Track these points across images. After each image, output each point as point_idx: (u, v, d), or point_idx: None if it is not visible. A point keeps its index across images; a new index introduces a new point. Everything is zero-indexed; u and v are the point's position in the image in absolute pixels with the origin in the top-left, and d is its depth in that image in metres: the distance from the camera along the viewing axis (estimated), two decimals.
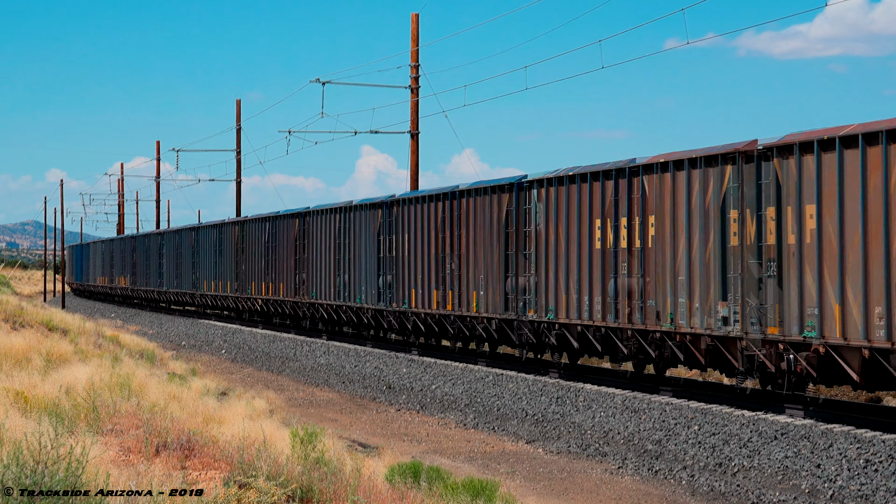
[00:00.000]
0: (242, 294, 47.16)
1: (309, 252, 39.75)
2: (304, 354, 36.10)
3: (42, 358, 19.70)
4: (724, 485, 16.18)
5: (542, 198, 25.28)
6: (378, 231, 33.59)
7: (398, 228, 32.27)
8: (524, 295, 25.75)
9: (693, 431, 19.11)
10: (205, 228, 54.66)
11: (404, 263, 31.91)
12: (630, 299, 22.30)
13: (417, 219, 31.09)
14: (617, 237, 22.73)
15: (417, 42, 39.78)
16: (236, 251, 48.81)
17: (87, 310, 70.29)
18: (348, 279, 35.97)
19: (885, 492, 14.96)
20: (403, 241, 32.00)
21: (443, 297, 29.49)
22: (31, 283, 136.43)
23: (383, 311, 33.28)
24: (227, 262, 49.98)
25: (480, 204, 27.78)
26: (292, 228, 41.46)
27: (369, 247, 34.28)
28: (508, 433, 21.25)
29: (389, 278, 32.70)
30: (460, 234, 28.64)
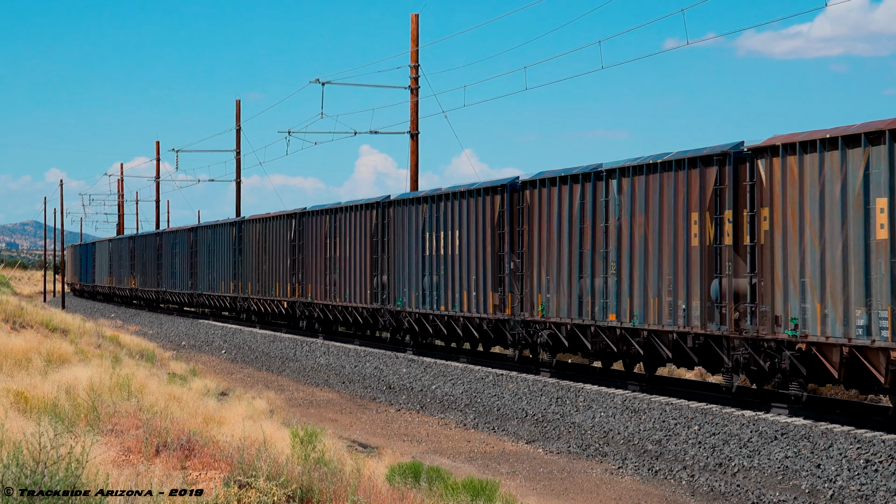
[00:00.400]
0: (266, 296, 44.60)
1: (340, 251, 37.07)
2: (303, 354, 36.10)
3: (42, 358, 19.70)
4: (724, 485, 16.18)
5: (622, 189, 22.66)
6: (422, 227, 31.16)
7: (446, 224, 29.77)
8: (602, 298, 23.17)
9: (693, 431, 19.11)
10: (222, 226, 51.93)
11: (453, 263, 29.42)
12: (738, 303, 19.65)
13: (470, 214, 28.46)
14: (720, 232, 20.05)
15: (417, 42, 39.78)
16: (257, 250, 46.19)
17: (87, 310, 70.30)
18: (386, 280, 33.39)
19: (885, 492, 14.97)
20: (453, 238, 29.56)
21: (500, 300, 27.03)
22: (31, 284, 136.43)
23: (428, 316, 30.90)
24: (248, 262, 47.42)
25: (546, 196, 25.24)
26: (322, 225, 38.60)
27: (412, 245, 31.65)
28: (508, 433, 21.25)
29: (436, 279, 30.32)
30: (522, 231, 26.23)
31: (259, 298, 45.14)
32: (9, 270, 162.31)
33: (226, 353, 40.14)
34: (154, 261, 64.30)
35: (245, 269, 47.16)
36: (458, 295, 28.91)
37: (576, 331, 24.21)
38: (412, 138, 39.96)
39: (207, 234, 53.28)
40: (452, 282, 29.24)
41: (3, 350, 19.83)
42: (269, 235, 44.01)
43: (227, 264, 49.86)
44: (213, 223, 52.85)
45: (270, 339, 41.27)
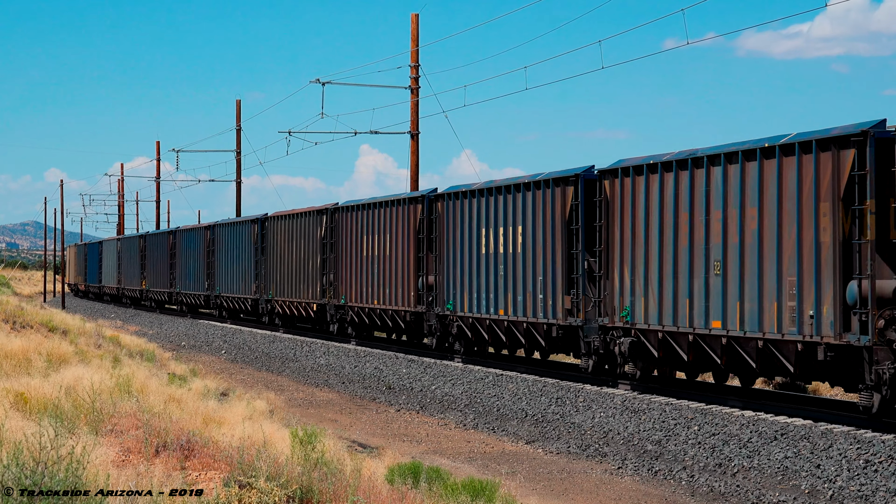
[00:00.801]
0: (292, 298, 41.41)
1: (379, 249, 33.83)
2: (303, 355, 36.11)
3: (42, 359, 19.71)
4: (723, 485, 16.19)
5: (728, 177, 19.81)
6: (477, 223, 28.11)
7: (506, 219, 26.90)
8: (702, 301, 20.41)
9: (693, 432, 19.12)
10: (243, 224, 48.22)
11: (515, 262, 26.43)
12: (882, 309, 16.90)
13: (536, 207, 25.61)
14: (859, 226, 17.31)
15: (417, 42, 39.80)
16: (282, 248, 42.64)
17: (88, 310, 70.31)
18: (433, 281, 30.56)
19: (884, 492, 14.97)
20: (514, 234, 26.48)
21: (574, 304, 24.32)
22: (31, 284, 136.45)
23: (484, 321, 27.92)
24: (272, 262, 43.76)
25: (630, 187, 22.44)
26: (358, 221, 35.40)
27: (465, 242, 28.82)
28: (508, 433, 21.26)
29: (493, 280, 27.38)
30: (600, 226, 23.50)
31: (285, 300, 42.26)
32: (9, 271, 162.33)
33: (226, 353, 40.15)
34: (167, 260, 61.47)
35: (269, 269, 44.16)
36: (520, 298, 26.13)
37: (668, 339, 21.41)
38: (412, 138, 39.98)
39: (226, 232, 50.49)
40: (514, 283, 26.46)
41: (3, 350, 19.84)
42: (295, 233, 41.10)
43: (248, 264, 46.95)
44: (233, 220, 50.20)
45: (270, 340, 41.27)
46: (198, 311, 58.97)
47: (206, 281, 53.40)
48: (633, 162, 22.43)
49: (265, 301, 44.72)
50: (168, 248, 60.99)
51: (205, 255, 53.77)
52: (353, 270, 35.72)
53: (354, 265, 35.62)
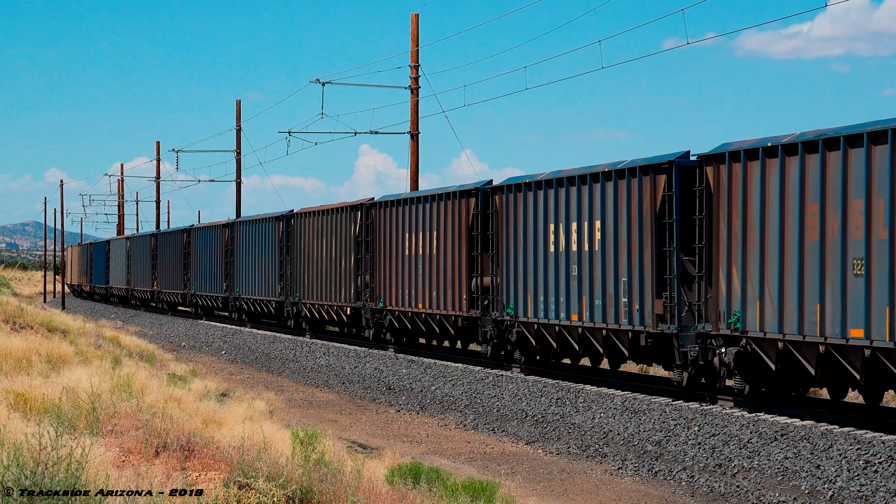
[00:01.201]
0: (322, 301, 38.44)
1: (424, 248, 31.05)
2: (303, 355, 36.12)
3: (43, 360, 19.72)
4: (723, 486, 16.19)
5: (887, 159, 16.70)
6: (544, 218, 25.21)
7: (580, 213, 23.93)
8: (836, 306, 17.60)
9: (693, 432, 19.12)
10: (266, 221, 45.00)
11: (591, 261, 23.56)
12: None
13: (619, 199, 22.64)
14: None
15: (417, 42, 39.82)
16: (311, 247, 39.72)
17: (88, 311, 70.32)
18: (490, 283, 27.64)
19: (884, 493, 14.98)
20: (590, 230, 23.62)
21: (666, 309, 21.40)
22: (31, 284, 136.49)
23: (552, 328, 24.79)
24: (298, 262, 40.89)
25: (739, 175, 19.63)
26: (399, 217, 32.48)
27: (529, 239, 25.74)
28: (508, 434, 21.26)
29: (564, 282, 24.34)
30: (700, 219, 20.57)
31: (313, 303, 39.16)
32: (9, 271, 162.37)
33: (226, 353, 40.16)
34: (181, 260, 58.20)
35: (295, 269, 41.05)
36: (598, 302, 23.21)
37: (790, 349, 18.58)
38: (412, 138, 39.99)
39: (247, 230, 47.27)
40: (591, 285, 23.48)
41: (3, 351, 19.85)
42: (325, 230, 38.11)
43: (271, 264, 43.75)
44: (255, 217, 46.80)
45: (270, 340, 41.28)
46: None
47: (225, 282, 50.29)
48: (744, 145, 19.52)
49: (291, 304, 41.77)
50: (182, 247, 58.12)
51: (222, 254, 50.64)
52: (393, 271, 32.71)
53: (395, 265, 32.63)
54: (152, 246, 65.40)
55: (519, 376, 22.77)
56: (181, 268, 58.25)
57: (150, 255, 65.87)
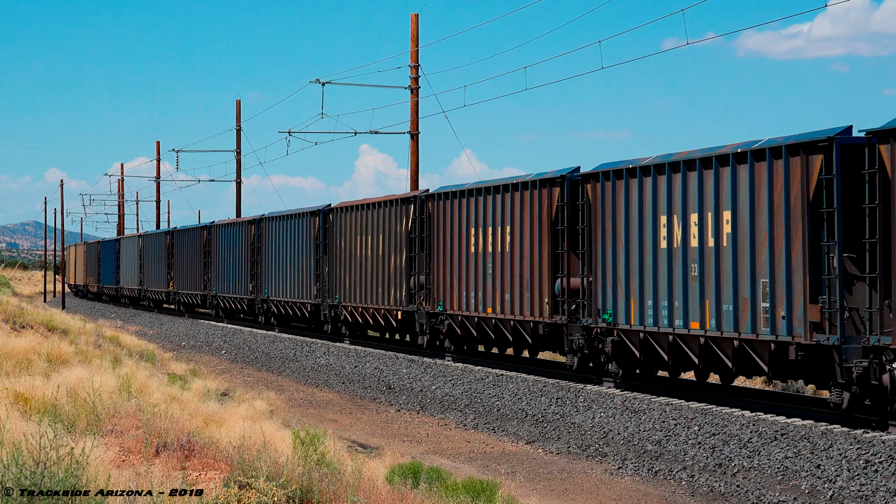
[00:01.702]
0: (367, 304, 35.06)
1: (494, 245, 27.78)
2: (304, 355, 36.12)
3: (43, 359, 19.72)
4: (723, 485, 16.19)
5: None
6: (653, 209, 21.94)
7: (702, 203, 20.60)
8: None
9: (693, 432, 19.12)
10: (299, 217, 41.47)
11: (717, 259, 20.27)
12: None
13: (757, 186, 19.43)
14: None
15: (417, 42, 39.83)
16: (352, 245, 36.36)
17: (87, 310, 70.34)
18: (580, 285, 24.42)
19: (884, 492, 14.97)
20: (717, 222, 20.18)
21: (824, 316, 18.14)
22: (31, 284, 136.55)
23: (664, 337, 21.61)
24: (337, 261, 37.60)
25: None
26: (461, 211, 29.29)
27: (633, 234, 22.52)
28: (508, 434, 21.26)
29: (678, 284, 21.20)
30: (873, 209, 17.22)
31: (356, 307, 35.81)
32: (9, 271, 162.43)
33: (226, 353, 40.16)
34: (200, 260, 54.83)
35: (334, 269, 37.81)
36: (727, 307, 19.93)
37: None
38: (412, 138, 39.99)
39: (276, 227, 44.00)
40: (717, 288, 20.12)
41: (3, 351, 19.85)
42: (370, 226, 34.81)
43: (305, 264, 40.58)
44: (286, 213, 43.42)
45: (270, 340, 41.28)
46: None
47: (251, 283, 46.69)
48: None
49: (329, 307, 38.52)
50: (201, 245, 54.48)
51: (248, 253, 47.16)
52: (455, 271, 29.42)
53: (457, 265, 29.33)
54: (168, 244, 61.99)
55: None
56: (200, 267, 54.84)
57: (165, 254, 62.50)
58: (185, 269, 58.29)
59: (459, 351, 30.68)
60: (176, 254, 60.38)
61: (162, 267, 63.34)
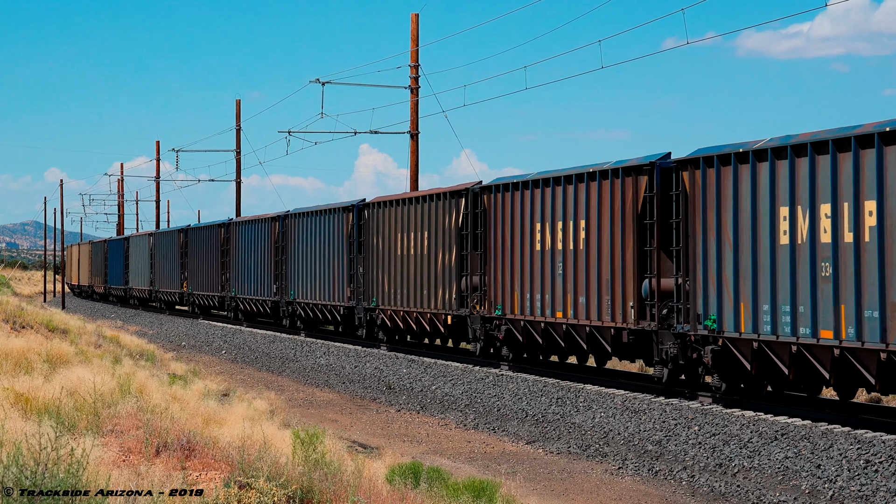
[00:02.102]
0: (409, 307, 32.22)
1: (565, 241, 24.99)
2: (304, 355, 36.11)
3: (42, 359, 19.71)
4: (724, 485, 16.18)
5: None
6: (770, 202, 18.96)
7: (836, 193, 17.65)
8: None
9: (693, 432, 19.11)
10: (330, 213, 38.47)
11: (858, 256, 17.25)
12: None
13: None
14: None
15: (417, 42, 39.82)
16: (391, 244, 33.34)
17: (87, 310, 70.34)
18: (673, 284, 21.59)
19: (885, 492, 14.97)
20: (857, 215, 17.24)
21: None
22: (31, 284, 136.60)
23: (786, 348, 18.64)
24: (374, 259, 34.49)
25: None
26: (522, 204, 26.48)
27: (742, 230, 19.66)
28: (509, 434, 21.25)
29: (808, 285, 18.14)
30: None
31: (396, 310, 33.10)
32: (9, 271, 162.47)
33: (226, 353, 40.16)
34: (217, 259, 51.72)
35: (369, 268, 35.13)
36: (871, 314, 16.91)
37: None
38: (412, 138, 39.98)
39: (303, 224, 41.12)
40: (856, 289, 17.16)
41: (3, 351, 19.85)
42: (412, 223, 32.19)
43: (337, 263, 37.87)
44: (315, 209, 40.38)
45: (270, 340, 41.27)
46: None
47: (275, 284, 43.52)
48: None
49: (365, 310, 35.70)
50: (219, 244, 51.29)
51: (272, 252, 43.86)
52: (515, 272, 26.75)
53: (517, 264, 26.66)
54: (181, 243, 58.47)
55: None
56: (218, 268, 51.33)
57: (178, 254, 59.11)
58: (202, 270, 54.84)
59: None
60: (190, 253, 56.94)
61: (175, 267, 60.19)
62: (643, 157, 22.44)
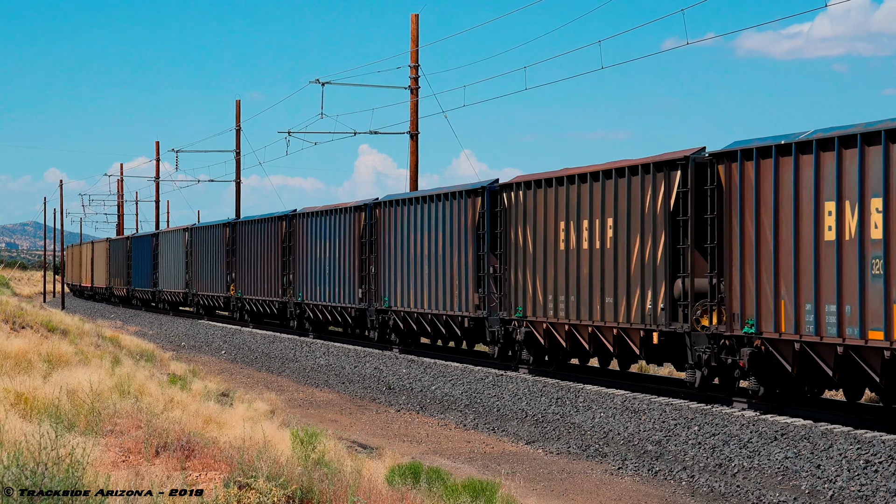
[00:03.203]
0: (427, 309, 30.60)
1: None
2: (303, 355, 36.11)
3: (42, 359, 19.72)
4: (723, 485, 16.18)
5: None
6: None
7: None
8: None
9: (693, 432, 19.11)
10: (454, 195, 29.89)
11: None
12: None
13: None
14: None
15: (417, 42, 39.83)
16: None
17: (87, 310, 70.33)
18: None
19: (885, 492, 14.97)
20: None
21: None
22: (31, 284, 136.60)
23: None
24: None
25: None
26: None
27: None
28: (508, 434, 21.25)
29: None
30: None
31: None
32: (8, 271, 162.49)
33: (225, 353, 40.15)
34: (276, 258, 43.63)
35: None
36: None
37: None
38: (412, 138, 39.98)
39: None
40: None
41: (2, 351, 19.85)
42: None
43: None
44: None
45: (270, 340, 41.26)
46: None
47: (360, 288, 35.92)
48: None
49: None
50: (278, 240, 43.60)
51: (356, 249, 36.18)
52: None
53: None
54: (227, 239, 50.13)
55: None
56: (278, 268, 43.72)
57: (223, 252, 50.86)
58: (254, 271, 46.79)
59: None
60: (239, 251, 48.83)
61: (218, 267, 51.58)
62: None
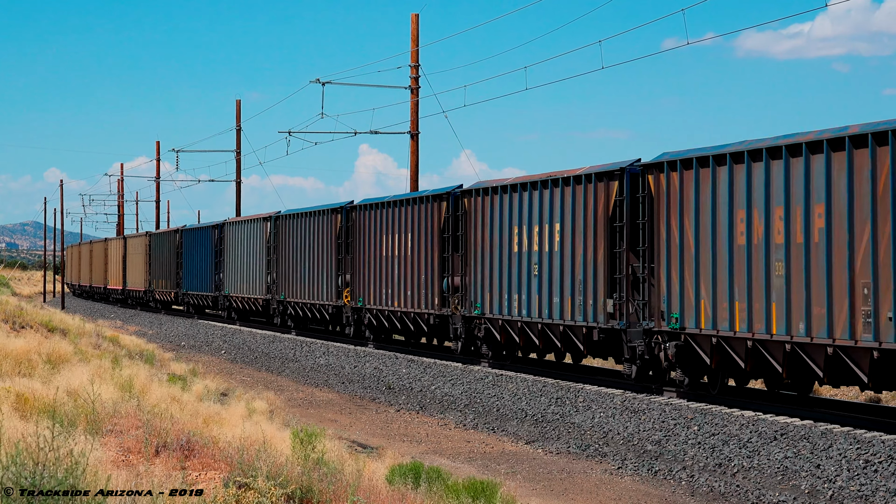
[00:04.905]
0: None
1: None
2: (303, 355, 36.11)
3: (42, 359, 19.72)
4: (723, 485, 16.19)
5: None
6: None
7: None
8: None
9: (693, 432, 19.12)
10: None
11: None
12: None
13: None
14: None
15: (417, 42, 39.83)
16: None
17: (86, 310, 70.34)
18: None
19: (884, 492, 14.98)
20: None
21: None
22: (31, 284, 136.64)
23: None
24: None
25: None
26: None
27: None
28: (508, 434, 21.26)
29: None
30: None
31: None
32: (8, 271, 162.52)
33: (225, 353, 40.16)
34: (433, 254, 30.51)
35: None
36: None
37: None
38: (412, 138, 39.98)
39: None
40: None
41: (2, 351, 19.85)
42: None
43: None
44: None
45: (270, 340, 41.27)
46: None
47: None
48: None
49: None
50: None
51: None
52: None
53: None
54: (336, 229, 37.46)
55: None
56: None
57: (334, 247, 37.71)
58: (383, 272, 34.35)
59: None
60: (355, 247, 35.87)
61: (325, 268, 38.70)
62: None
